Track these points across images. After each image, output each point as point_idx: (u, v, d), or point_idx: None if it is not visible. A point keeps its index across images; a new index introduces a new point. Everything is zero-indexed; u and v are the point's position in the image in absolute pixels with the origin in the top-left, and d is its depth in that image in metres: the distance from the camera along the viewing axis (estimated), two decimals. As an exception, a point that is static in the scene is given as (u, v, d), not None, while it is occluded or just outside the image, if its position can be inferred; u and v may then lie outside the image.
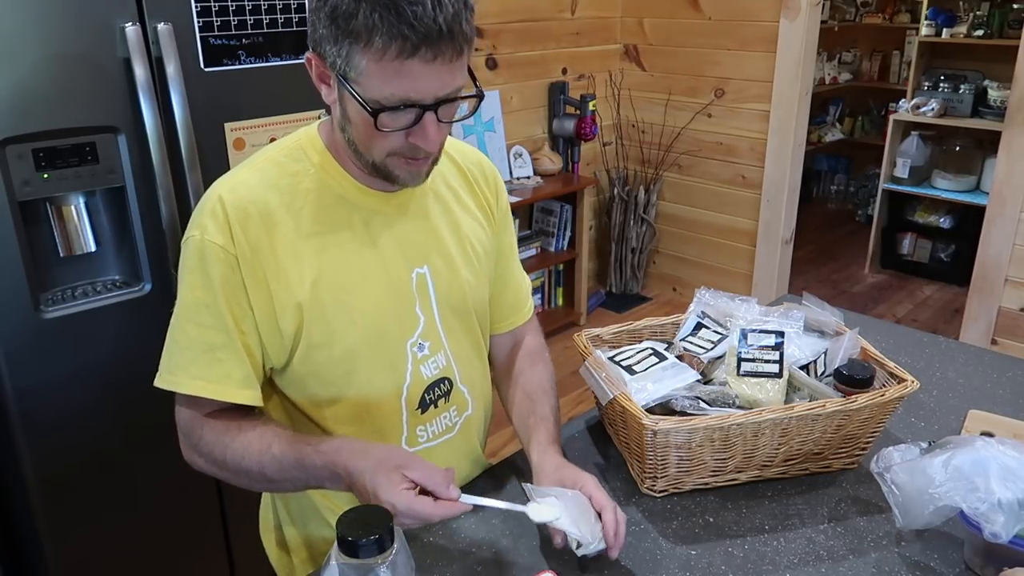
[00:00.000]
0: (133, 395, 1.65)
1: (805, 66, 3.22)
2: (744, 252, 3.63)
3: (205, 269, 0.94)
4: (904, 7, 4.99)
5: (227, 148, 1.69)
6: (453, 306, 1.09)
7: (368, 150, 0.93)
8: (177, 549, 1.81)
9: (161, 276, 1.64)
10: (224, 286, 0.94)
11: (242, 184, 0.96)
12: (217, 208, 0.94)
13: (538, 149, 3.52)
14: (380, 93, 0.86)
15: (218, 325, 0.94)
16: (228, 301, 0.94)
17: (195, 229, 0.95)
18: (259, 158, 1.00)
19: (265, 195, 0.96)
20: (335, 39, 0.85)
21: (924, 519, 0.92)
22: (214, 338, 0.95)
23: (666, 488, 1.09)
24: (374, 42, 0.82)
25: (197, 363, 0.95)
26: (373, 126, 0.88)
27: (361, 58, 0.84)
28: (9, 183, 1.42)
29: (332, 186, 0.99)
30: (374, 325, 1.01)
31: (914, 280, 4.34)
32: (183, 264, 0.96)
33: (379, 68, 0.84)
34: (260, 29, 1.67)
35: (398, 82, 0.85)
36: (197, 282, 0.94)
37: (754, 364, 1.12)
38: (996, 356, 1.48)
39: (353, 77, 0.86)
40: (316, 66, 0.92)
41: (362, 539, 0.73)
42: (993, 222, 2.92)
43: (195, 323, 0.95)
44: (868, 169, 5.16)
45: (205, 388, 0.95)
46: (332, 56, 0.87)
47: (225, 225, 0.94)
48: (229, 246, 0.93)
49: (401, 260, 1.03)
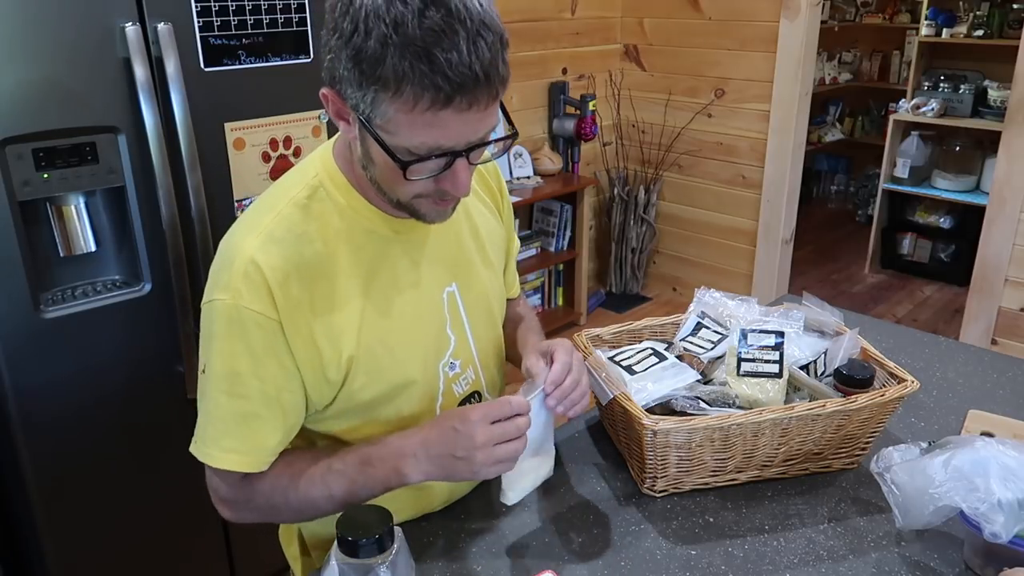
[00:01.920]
0: (133, 395, 1.65)
1: (805, 66, 3.22)
2: (744, 252, 3.63)
3: (244, 336, 0.88)
4: (904, 7, 4.99)
5: (227, 148, 1.69)
6: (481, 315, 1.08)
7: (392, 191, 0.88)
8: (177, 549, 1.81)
9: (161, 276, 1.64)
10: (266, 352, 0.89)
11: (271, 240, 0.89)
12: (251, 270, 0.87)
13: (538, 149, 3.52)
14: (409, 142, 0.79)
15: (256, 394, 0.90)
16: (270, 367, 0.89)
17: (224, 292, 0.88)
18: (279, 202, 0.93)
19: (298, 248, 0.90)
20: (359, 84, 0.77)
21: (924, 519, 0.92)
22: (251, 407, 0.91)
23: (666, 488, 1.09)
24: (403, 92, 0.75)
25: (230, 435, 0.92)
26: (400, 173, 0.82)
27: (388, 107, 0.77)
28: (9, 183, 1.42)
29: (361, 222, 0.94)
30: (414, 357, 0.99)
31: (914, 280, 4.34)
32: (211, 329, 0.90)
33: (409, 119, 0.77)
34: (260, 29, 1.67)
35: (430, 132, 0.78)
36: (233, 349, 0.89)
37: (754, 364, 1.12)
38: (996, 356, 1.48)
39: (379, 124, 0.79)
40: (334, 103, 0.83)
41: (362, 539, 0.73)
42: (993, 222, 2.92)
43: (229, 393, 0.90)
44: (868, 169, 5.16)
45: (239, 462, 0.92)
46: (354, 99, 0.79)
47: (264, 289, 0.87)
48: (270, 311, 0.87)
49: (432, 284, 1.01)
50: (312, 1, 1.73)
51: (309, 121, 1.80)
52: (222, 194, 1.70)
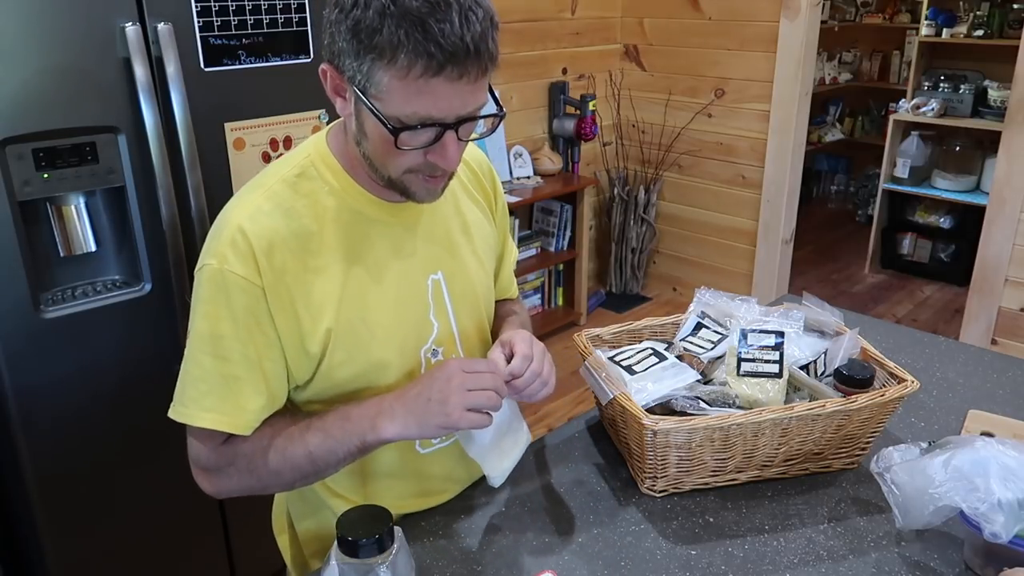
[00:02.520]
0: (133, 395, 1.65)
1: (805, 66, 3.22)
2: (744, 252, 3.63)
3: (227, 300, 0.91)
4: (904, 7, 5.00)
5: (227, 148, 1.69)
6: (467, 307, 1.09)
7: (384, 166, 0.91)
8: (177, 549, 1.81)
9: (161, 276, 1.64)
10: (248, 317, 0.91)
11: (259, 212, 0.93)
12: (238, 238, 0.91)
13: (538, 149, 3.52)
14: (401, 111, 0.83)
15: (238, 356, 0.92)
16: (252, 331, 0.92)
17: (212, 258, 0.91)
18: (270, 179, 0.97)
19: (285, 221, 0.93)
20: (356, 53, 0.82)
21: (924, 519, 0.92)
22: (232, 369, 0.93)
23: (666, 488, 1.09)
24: (398, 59, 0.79)
25: (211, 395, 0.93)
26: (392, 144, 0.86)
27: (383, 75, 0.81)
28: (9, 183, 1.42)
29: (349, 202, 0.97)
30: (393, 337, 1.01)
31: (914, 280, 4.34)
32: (198, 293, 0.93)
33: (402, 86, 0.81)
34: (260, 29, 1.67)
35: (420, 101, 0.82)
36: (217, 313, 0.91)
37: (754, 364, 1.12)
38: (996, 356, 1.48)
39: (373, 93, 0.83)
40: (332, 78, 0.89)
41: (362, 539, 0.73)
42: (993, 222, 2.92)
43: (212, 355, 0.93)
44: (868, 169, 5.16)
45: (218, 421, 0.94)
46: (351, 70, 0.84)
47: (248, 255, 0.90)
48: (254, 277, 0.91)
49: (418, 268, 1.03)
50: (312, 1, 1.73)
51: (309, 121, 1.80)
52: (222, 194, 1.70)
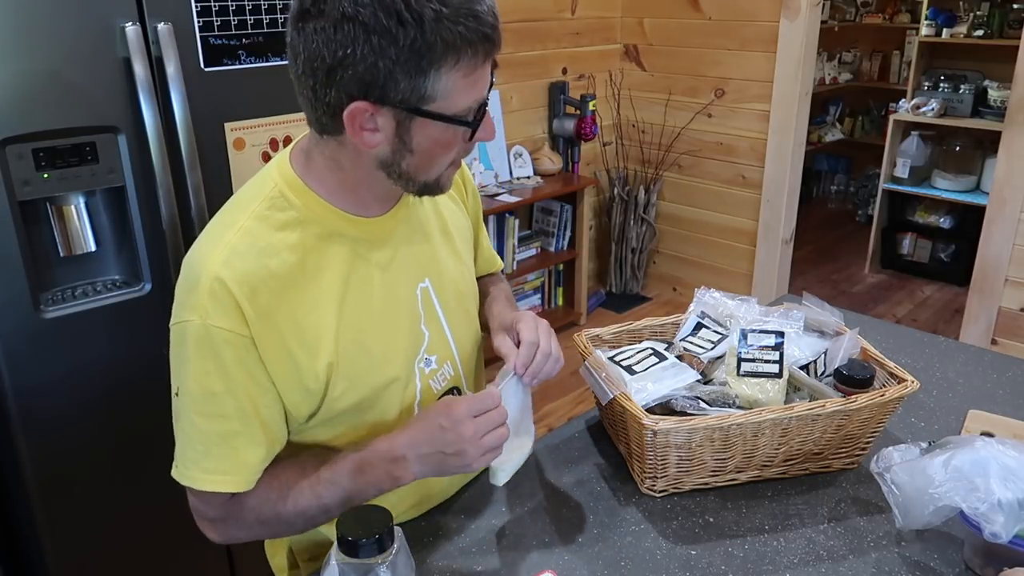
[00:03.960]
0: (133, 395, 1.65)
1: (805, 66, 3.22)
2: (744, 252, 3.63)
3: (215, 355, 0.87)
4: (904, 7, 4.99)
5: (227, 148, 1.69)
6: (458, 309, 1.08)
7: (428, 171, 0.89)
8: (177, 549, 1.81)
9: (161, 276, 1.64)
10: (239, 369, 0.88)
11: (234, 255, 0.87)
12: (216, 287, 0.86)
13: (538, 149, 3.52)
14: (463, 104, 0.84)
15: (232, 412, 0.89)
16: (244, 383, 0.89)
17: (191, 313, 0.87)
18: (239, 216, 0.91)
19: (264, 261, 0.88)
20: (417, 71, 0.79)
21: (924, 519, 0.92)
22: (227, 426, 0.89)
23: (666, 488, 1.09)
24: (463, 56, 0.80)
25: (210, 456, 0.90)
26: (450, 141, 0.86)
27: (447, 79, 0.81)
28: (9, 183, 1.42)
29: (326, 226, 0.93)
30: (391, 356, 0.99)
31: (914, 280, 4.34)
32: (179, 350, 0.89)
33: (465, 81, 0.82)
34: (260, 29, 1.67)
35: (477, 88, 0.84)
36: (204, 369, 0.88)
37: (754, 364, 1.12)
38: (996, 356, 1.48)
39: (434, 101, 0.82)
40: (362, 114, 0.83)
41: (362, 539, 0.73)
42: (993, 222, 2.92)
43: (203, 414, 0.90)
44: (868, 169, 5.16)
45: (221, 482, 0.91)
46: (404, 92, 0.81)
47: (231, 305, 0.86)
48: (239, 328, 0.86)
49: (405, 279, 1.01)
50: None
51: (309, 121, 1.80)
52: (222, 194, 1.69)
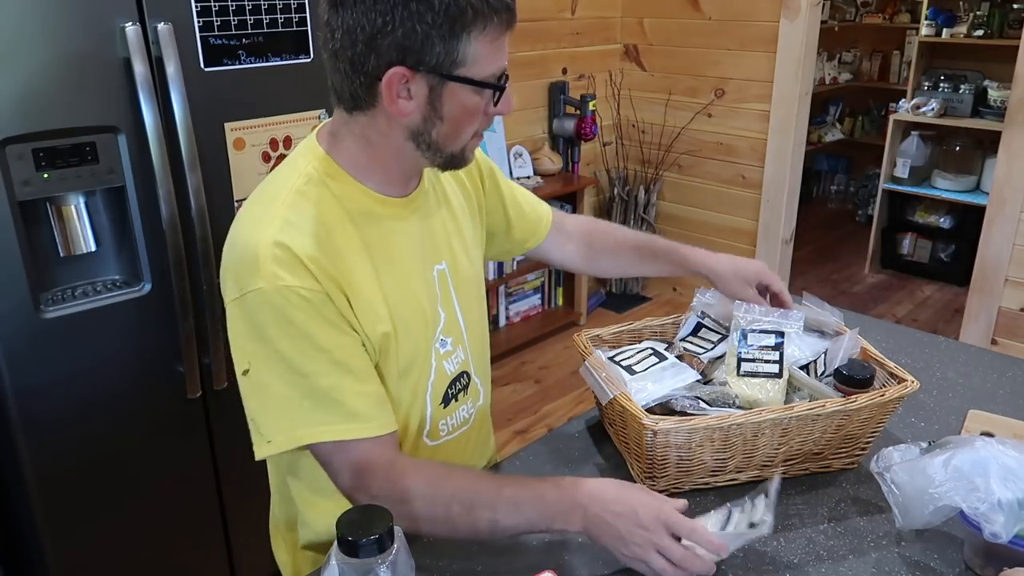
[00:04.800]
0: (133, 395, 1.65)
1: (805, 66, 3.22)
2: (744, 252, 3.63)
3: (292, 317, 0.87)
4: (904, 7, 4.99)
5: (227, 148, 1.69)
6: (469, 295, 1.11)
7: (455, 140, 0.93)
8: (177, 549, 1.81)
9: (161, 276, 1.64)
10: (322, 324, 0.88)
11: (288, 225, 0.89)
12: (279, 253, 0.87)
13: (538, 149, 3.52)
14: (490, 71, 0.89)
15: (324, 368, 0.88)
16: (331, 336, 0.89)
17: (262, 280, 0.86)
18: (282, 192, 0.93)
19: (314, 229, 0.90)
20: (451, 34, 0.84)
21: (924, 519, 0.92)
22: (323, 381, 0.88)
23: (666, 488, 1.09)
24: (491, 20, 0.85)
25: (319, 409, 0.89)
26: (477, 108, 0.90)
27: (476, 43, 0.86)
28: (9, 183, 1.42)
29: (358, 204, 0.96)
30: (417, 332, 1.01)
31: (914, 280, 4.34)
32: (252, 322, 0.88)
33: (491, 47, 0.87)
34: (260, 29, 1.67)
35: (500, 55, 0.89)
36: (287, 332, 0.87)
37: (754, 364, 1.12)
38: (996, 356, 1.48)
39: (463, 67, 0.87)
40: (399, 80, 0.86)
41: (362, 539, 0.73)
42: (993, 222, 2.92)
43: (297, 373, 0.88)
44: (868, 169, 5.16)
45: (335, 432, 0.89)
46: (439, 57, 0.85)
47: (298, 265, 0.87)
48: (312, 284, 0.87)
49: (425, 260, 1.04)
50: (312, 1, 1.73)
51: (309, 121, 1.80)
52: (222, 194, 1.70)
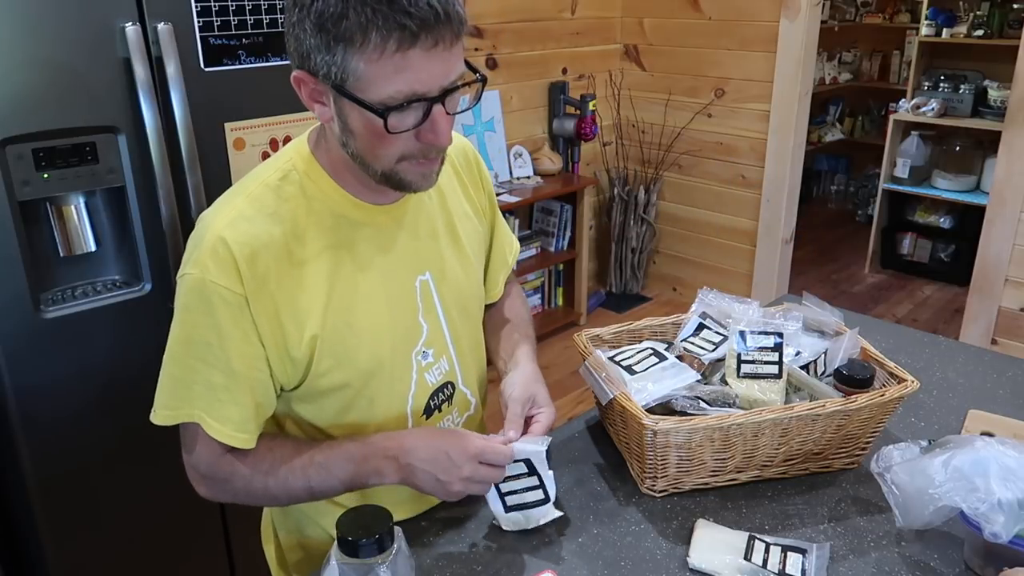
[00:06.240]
0: (133, 395, 1.64)
1: (805, 66, 3.22)
2: (744, 252, 3.63)
3: (210, 310, 0.90)
4: (904, 7, 5.00)
5: (227, 148, 1.69)
6: (458, 307, 1.09)
7: (376, 159, 0.88)
8: (177, 549, 1.81)
9: (161, 276, 1.64)
10: (233, 327, 0.90)
11: (241, 218, 0.91)
12: (218, 246, 0.89)
13: (538, 149, 3.52)
14: (384, 93, 0.81)
15: (221, 366, 0.91)
16: (236, 342, 0.91)
17: (193, 267, 0.90)
18: (251, 183, 0.95)
19: (267, 227, 0.91)
20: (327, 47, 0.80)
21: (924, 519, 0.92)
22: (216, 378, 0.92)
23: (666, 488, 1.09)
24: (370, 39, 0.78)
25: (203, 398, 0.92)
26: (382, 131, 0.83)
27: (358, 61, 0.79)
28: (9, 183, 1.42)
29: (331, 206, 0.95)
30: (381, 341, 1.00)
31: (914, 280, 4.34)
32: (181, 301, 0.92)
33: (379, 67, 0.79)
34: (260, 29, 1.67)
35: (402, 77, 0.80)
36: (200, 321, 0.90)
37: (754, 366, 1.12)
38: (996, 356, 1.48)
39: (353, 84, 0.81)
40: (306, 84, 0.86)
41: (362, 539, 0.73)
42: (993, 222, 2.92)
43: (199, 359, 0.91)
44: (868, 169, 5.17)
45: (219, 432, 0.93)
46: (325, 67, 0.81)
47: (230, 264, 0.89)
48: (236, 286, 0.89)
49: (404, 271, 1.02)
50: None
51: (309, 121, 1.79)
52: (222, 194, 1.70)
